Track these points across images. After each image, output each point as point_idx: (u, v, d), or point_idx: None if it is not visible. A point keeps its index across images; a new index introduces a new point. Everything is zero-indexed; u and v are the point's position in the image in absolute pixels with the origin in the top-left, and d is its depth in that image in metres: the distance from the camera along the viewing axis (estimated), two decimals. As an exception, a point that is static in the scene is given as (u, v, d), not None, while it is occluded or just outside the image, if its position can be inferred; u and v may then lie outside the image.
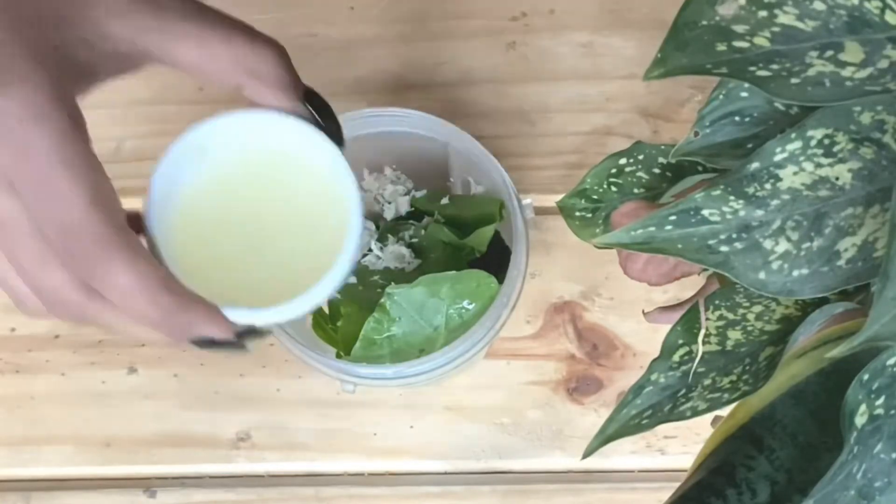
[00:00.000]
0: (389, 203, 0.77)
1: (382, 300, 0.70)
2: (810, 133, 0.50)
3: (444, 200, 0.76)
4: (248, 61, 0.52)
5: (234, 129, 0.54)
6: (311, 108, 0.54)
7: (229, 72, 0.52)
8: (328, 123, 0.54)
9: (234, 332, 0.52)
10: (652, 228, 0.51)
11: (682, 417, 0.56)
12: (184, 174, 0.54)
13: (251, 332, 0.53)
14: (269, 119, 0.54)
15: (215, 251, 0.54)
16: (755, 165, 0.51)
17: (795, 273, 0.51)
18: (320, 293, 0.53)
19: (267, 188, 0.56)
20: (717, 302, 0.57)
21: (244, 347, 0.53)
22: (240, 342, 0.53)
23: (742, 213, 0.51)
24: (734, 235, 0.51)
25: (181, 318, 0.50)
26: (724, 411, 0.56)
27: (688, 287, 0.65)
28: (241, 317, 0.52)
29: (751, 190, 0.51)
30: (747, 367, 0.56)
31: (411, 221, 0.76)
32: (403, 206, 0.77)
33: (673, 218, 0.51)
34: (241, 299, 0.53)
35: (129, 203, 0.52)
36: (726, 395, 0.55)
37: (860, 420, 0.47)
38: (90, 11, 0.50)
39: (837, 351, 0.46)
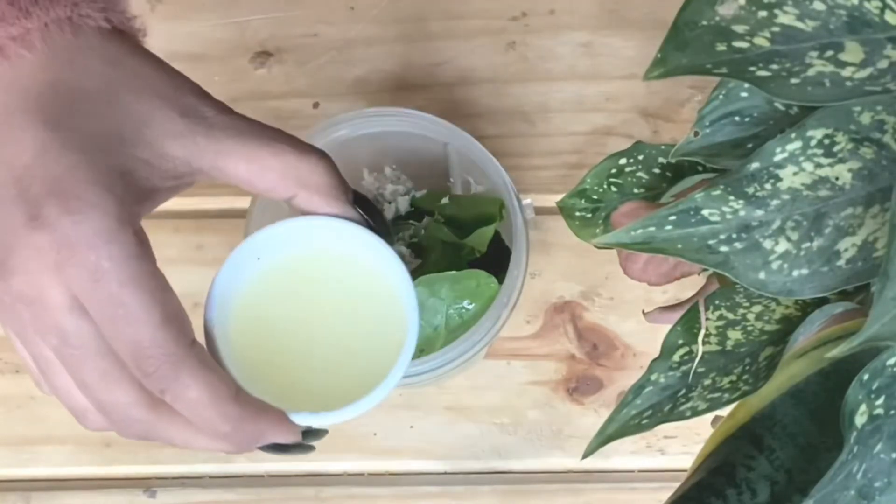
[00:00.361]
0: (389, 203, 0.77)
1: (382, 300, 0.70)
2: (810, 133, 0.50)
3: (444, 200, 0.76)
4: (297, 173, 0.54)
5: (290, 235, 0.56)
6: (360, 212, 0.56)
7: (280, 184, 0.54)
8: (378, 224, 0.56)
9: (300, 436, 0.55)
10: (652, 228, 0.51)
11: (682, 417, 0.56)
12: (241, 281, 0.55)
13: (313, 433, 0.56)
14: (322, 224, 0.55)
15: (273, 356, 0.56)
16: (755, 165, 0.51)
17: (795, 273, 0.51)
18: (383, 392, 0.55)
19: (324, 291, 0.57)
20: (716, 302, 0.57)
21: (311, 448, 0.56)
22: (306, 444, 0.56)
23: (742, 213, 0.51)
24: (734, 235, 0.51)
25: (250, 427, 0.52)
26: (724, 411, 0.56)
27: (688, 287, 0.65)
28: (304, 420, 0.54)
29: (751, 190, 0.51)
30: (747, 367, 0.56)
31: (411, 221, 0.76)
32: (403, 205, 0.77)
33: (673, 218, 0.51)
34: (299, 402, 0.54)
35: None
36: (726, 395, 0.55)
37: (860, 420, 0.48)
38: (149, 132, 0.51)
39: (837, 351, 0.46)
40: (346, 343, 0.57)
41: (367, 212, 0.56)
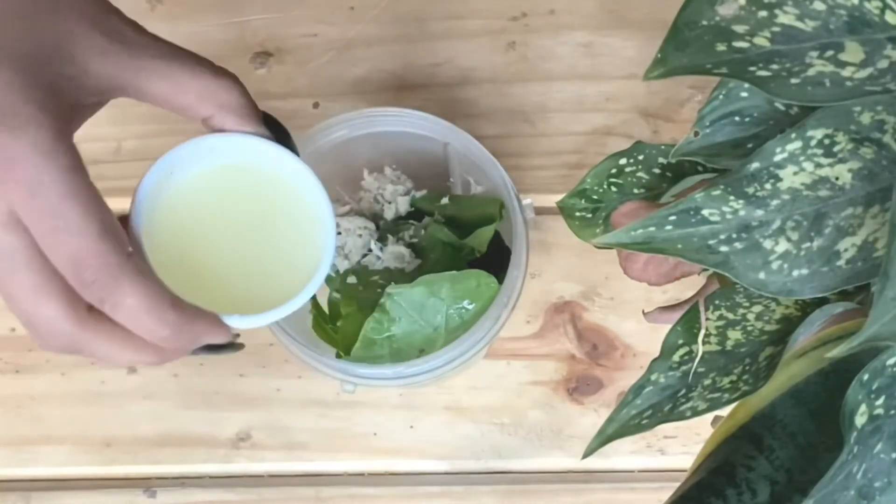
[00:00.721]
0: (389, 203, 0.77)
1: (382, 300, 0.70)
2: (810, 133, 0.50)
3: (444, 200, 0.76)
4: (213, 93, 0.55)
5: (208, 150, 0.57)
6: (270, 133, 0.58)
7: (196, 104, 0.55)
8: (287, 143, 0.58)
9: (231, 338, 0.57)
10: (652, 228, 0.51)
11: (682, 417, 0.56)
12: (162, 193, 0.56)
13: (237, 337, 0.58)
14: (238, 140, 0.57)
15: (196, 265, 0.57)
16: (755, 165, 0.51)
17: (795, 273, 0.51)
18: (306, 295, 0.57)
19: (241, 203, 0.59)
20: (716, 302, 0.57)
21: (240, 347, 0.58)
22: (236, 345, 0.58)
23: (742, 213, 0.51)
24: (734, 235, 0.51)
25: (188, 331, 0.54)
26: (724, 411, 0.56)
27: (688, 287, 0.65)
28: (234, 322, 0.56)
29: (751, 190, 0.51)
30: (747, 367, 0.56)
31: (411, 221, 0.76)
32: (403, 206, 0.77)
33: (673, 218, 0.51)
34: (223, 308, 0.56)
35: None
36: (726, 395, 0.55)
37: (860, 420, 0.48)
38: (74, 49, 0.52)
39: (837, 351, 0.46)
40: (265, 254, 0.59)
41: (277, 133, 0.58)
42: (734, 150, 0.57)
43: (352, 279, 0.73)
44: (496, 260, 0.73)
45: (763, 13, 0.50)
